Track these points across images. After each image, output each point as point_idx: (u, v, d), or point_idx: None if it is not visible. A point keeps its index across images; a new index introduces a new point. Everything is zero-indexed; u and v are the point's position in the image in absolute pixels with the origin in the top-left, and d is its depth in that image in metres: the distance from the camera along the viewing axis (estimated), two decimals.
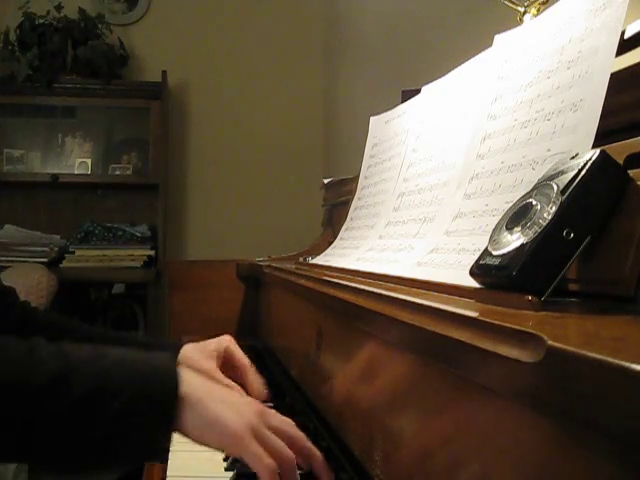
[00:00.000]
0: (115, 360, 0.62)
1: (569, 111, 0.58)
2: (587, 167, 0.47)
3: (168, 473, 0.77)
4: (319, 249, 1.38)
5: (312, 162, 3.17)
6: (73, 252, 2.90)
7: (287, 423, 0.68)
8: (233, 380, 0.90)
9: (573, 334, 0.37)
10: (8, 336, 0.61)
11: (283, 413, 0.95)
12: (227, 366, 0.92)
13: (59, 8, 2.93)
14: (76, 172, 3.06)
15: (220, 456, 0.80)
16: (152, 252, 2.95)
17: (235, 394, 0.71)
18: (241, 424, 0.61)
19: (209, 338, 1.37)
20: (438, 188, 0.82)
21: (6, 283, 1.05)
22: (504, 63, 0.76)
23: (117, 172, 3.09)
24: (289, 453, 0.63)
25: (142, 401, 0.59)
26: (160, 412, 0.60)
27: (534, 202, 0.49)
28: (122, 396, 0.58)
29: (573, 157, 0.51)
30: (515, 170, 0.64)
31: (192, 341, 1.00)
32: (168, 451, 0.67)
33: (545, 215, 0.46)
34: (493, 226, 0.53)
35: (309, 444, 0.67)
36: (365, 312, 0.64)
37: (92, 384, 0.58)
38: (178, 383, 0.61)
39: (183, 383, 0.61)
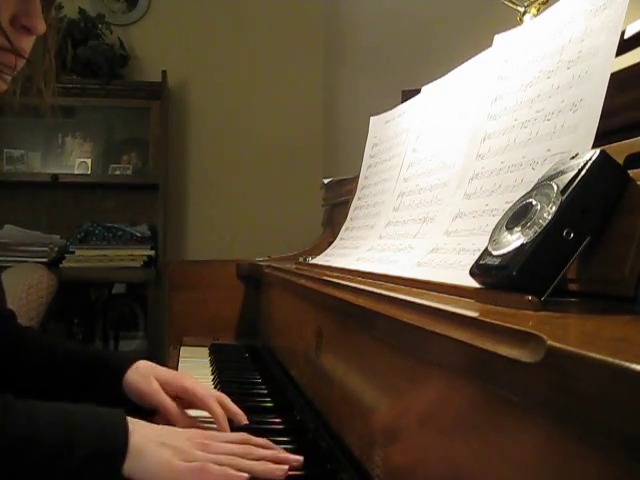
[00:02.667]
0: (74, 423, 0.69)
1: (569, 111, 0.58)
2: (587, 167, 0.47)
3: None
4: (319, 249, 1.38)
5: (312, 162, 3.17)
6: (73, 252, 2.90)
7: (234, 444, 0.75)
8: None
9: (573, 334, 0.37)
10: None
11: (283, 413, 0.96)
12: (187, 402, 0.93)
13: (59, 8, 2.93)
14: (76, 172, 3.06)
15: None
16: (152, 252, 2.95)
17: (176, 433, 0.77)
18: (176, 461, 0.70)
19: (209, 338, 1.38)
20: (438, 188, 0.82)
21: (6, 283, 1.05)
22: (504, 63, 0.76)
23: (117, 172, 3.09)
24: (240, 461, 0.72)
25: (95, 459, 0.67)
26: (110, 467, 0.68)
27: (534, 202, 0.49)
28: (79, 454, 0.66)
29: (573, 157, 0.51)
30: (515, 170, 0.64)
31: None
32: None
33: (545, 215, 0.46)
34: (493, 226, 0.53)
35: (261, 452, 0.74)
36: (365, 312, 0.64)
37: (55, 443, 0.66)
38: (127, 440, 0.69)
39: (129, 437, 0.69)
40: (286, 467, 0.73)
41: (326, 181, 1.73)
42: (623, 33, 0.59)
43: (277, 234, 2.95)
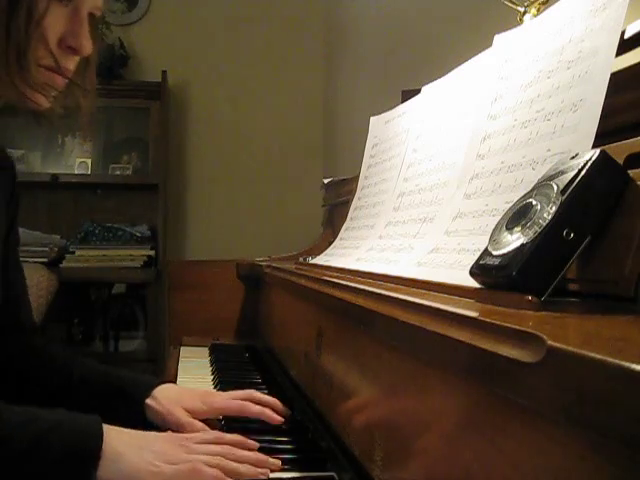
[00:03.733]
0: (48, 426, 0.69)
1: (569, 111, 0.58)
2: (587, 167, 0.47)
3: None
4: (319, 249, 1.38)
5: (312, 162, 3.17)
6: (73, 252, 2.90)
7: (213, 444, 0.76)
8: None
9: (573, 334, 0.37)
10: None
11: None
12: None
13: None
14: (76, 172, 3.06)
15: None
16: (152, 252, 2.95)
17: (153, 435, 0.77)
18: (153, 463, 0.69)
19: (209, 338, 1.38)
20: (438, 188, 0.82)
21: None
22: (504, 63, 0.76)
23: (117, 172, 3.09)
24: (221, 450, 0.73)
25: (68, 460, 0.67)
26: (83, 469, 0.68)
27: (534, 202, 0.49)
28: (52, 454, 0.67)
29: (573, 157, 0.51)
30: (515, 170, 0.64)
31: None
32: None
33: (545, 215, 0.46)
34: (493, 226, 0.53)
35: (240, 453, 0.75)
36: (365, 312, 0.64)
37: (26, 447, 0.66)
38: (100, 443, 0.69)
39: (104, 441, 0.69)
40: (268, 470, 0.73)
41: (326, 181, 1.73)
42: (623, 33, 0.59)
43: (277, 234, 2.95)
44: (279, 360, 1.24)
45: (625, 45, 0.59)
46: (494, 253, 0.49)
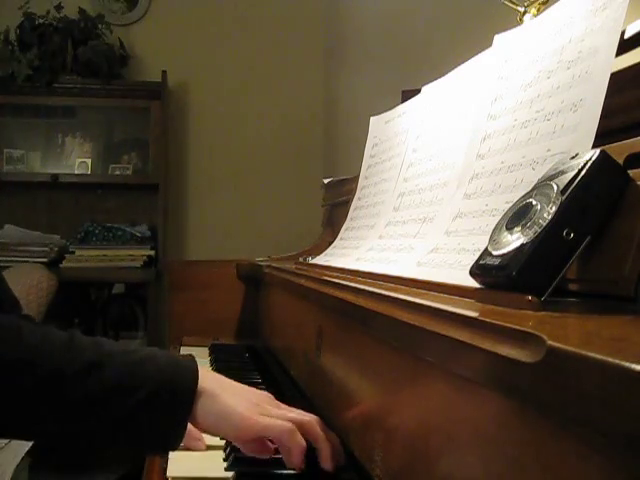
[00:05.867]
0: (143, 355, 0.69)
1: (569, 111, 0.58)
2: (587, 167, 0.47)
3: (168, 474, 0.77)
4: (319, 249, 1.38)
5: (312, 162, 3.17)
6: (73, 252, 2.90)
7: (295, 410, 0.74)
8: None
9: (573, 334, 0.37)
10: (48, 326, 0.69)
11: None
12: None
13: (59, 8, 2.93)
14: (76, 172, 3.06)
15: (220, 456, 0.80)
16: (152, 252, 2.95)
17: (246, 387, 0.76)
18: (250, 411, 0.68)
19: (209, 338, 1.38)
20: (438, 188, 0.82)
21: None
22: (504, 63, 0.76)
23: (117, 172, 3.09)
24: (302, 417, 0.72)
25: (165, 392, 0.66)
26: (179, 403, 0.67)
27: (534, 202, 0.49)
28: (148, 386, 0.65)
29: (573, 157, 0.51)
30: (515, 170, 0.64)
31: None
32: (182, 441, 0.70)
33: (545, 215, 0.46)
34: (493, 226, 0.53)
35: (317, 430, 0.72)
36: (365, 312, 0.64)
37: (123, 373, 0.66)
38: (197, 379, 0.68)
39: (200, 379, 0.68)
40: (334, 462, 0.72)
41: (326, 181, 1.73)
42: (623, 33, 0.59)
43: (277, 234, 2.95)
44: (279, 360, 1.24)
45: (625, 45, 0.59)
46: (494, 253, 0.49)
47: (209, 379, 0.69)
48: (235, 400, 0.69)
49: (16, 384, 0.63)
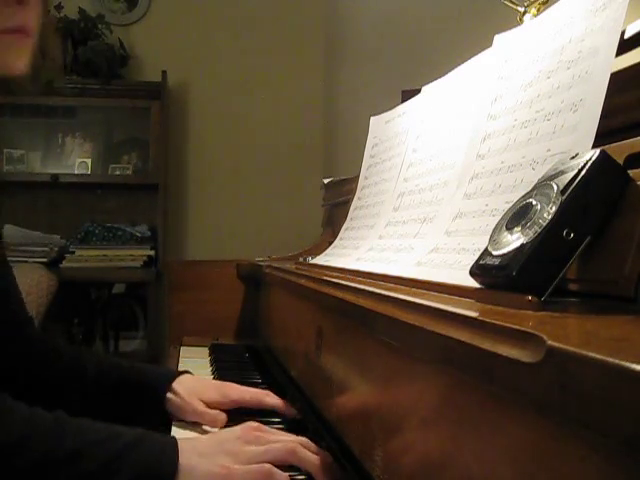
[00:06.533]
0: (128, 442, 0.69)
1: (569, 111, 0.58)
2: (587, 167, 0.47)
3: None
4: (319, 249, 1.38)
5: (312, 162, 3.17)
6: (73, 252, 2.90)
7: (279, 442, 0.75)
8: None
9: (573, 334, 0.37)
10: (34, 407, 0.69)
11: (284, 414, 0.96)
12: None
13: (59, 8, 2.93)
14: (76, 172, 3.06)
15: None
16: (152, 252, 2.95)
17: (223, 438, 0.77)
18: (226, 465, 0.70)
19: (209, 338, 1.37)
20: (438, 188, 0.82)
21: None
22: (504, 63, 0.76)
23: (117, 172, 3.09)
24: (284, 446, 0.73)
25: (145, 477, 0.67)
26: None
27: (534, 202, 0.49)
28: (126, 474, 0.66)
29: (573, 157, 0.51)
30: (515, 170, 0.64)
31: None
32: None
33: (545, 215, 0.46)
34: (493, 226, 0.53)
35: (306, 455, 0.74)
36: (365, 312, 0.64)
37: (105, 464, 0.66)
38: (177, 465, 0.68)
39: (179, 458, 0.69)
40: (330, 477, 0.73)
41: (326, 181, 1.73)
42: (623, 33, 0.59)
43: (277, 234, 2.95)
44: (279, 360, 1.24)
45: (625, 45, 0.59)
46: (494, 253, 0.49)
47: (187, 451, 0.70)
48: (210, 464, 0.69)
49: (5, 467, 0.63)
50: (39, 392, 0.96)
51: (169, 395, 0.92)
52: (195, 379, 0.99)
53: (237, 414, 0.93)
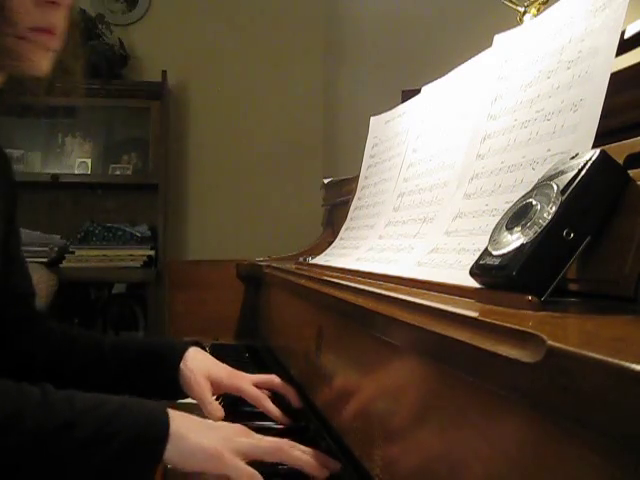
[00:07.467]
0: (115, 408, 0.70)
1: (569, 111, 0.58)
2: (587, 167, 0.47)
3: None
4: (319, 249, 1.38)
5: (312, 162, 3.17)
6: (73, 252, 2.90)
7: (268, 439, 0.75)
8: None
9: (573, 334, 0.37)
10: (21, 382, 0.69)
11: (283, 413, 0.95)
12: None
13: None
14: (76, 172, 3.06)
15: None
16: (152, 252, 2.95)
17: (215, 424, 0.79)
18: (218, 446, 0.70)
19: (209, 338, 1.37)
20: (438, 188, 0.82)
21: None
22: (504, 63, 0.76)
23: (117, 172, 3.09)
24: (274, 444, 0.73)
25: (136, 445, 0.68)
26: (150, 453, 0.69)
27: (534, 202, 0.49)
28: (119, 441, 0.66)
29: (573, 157, 0.51)
30: (515, 170, 0.64)
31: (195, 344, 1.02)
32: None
33: (545, 215, 0.46)
34: (493, 226, 0.53)
35: (294, 452, 0.73)
36: (365, 312, 0.64)
37: (95, 430, 0.67)
38: (168, 428, 0.69)
39: (170, 423, 0.69)
40: (326, 471, 0.73)
41: (326, 181, 1.73)
42: (623, 33, 0.59)
43: (277, 234, 2.95)
44: (279, 360, 1.24)
45: (625, 45, 0.59)
46: (494, 253, 0.49)
47: (178, 421, 0.70)
48: (201, 438, 0.70)
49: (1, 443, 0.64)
50: (55, 372, 0.97)
51: (182, 366, 0.94)
52: (206, 357, 1.00)
53: (237, 413, 0.93)
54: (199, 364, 0.95)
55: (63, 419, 0.66)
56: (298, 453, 0.73)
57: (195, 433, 0.70)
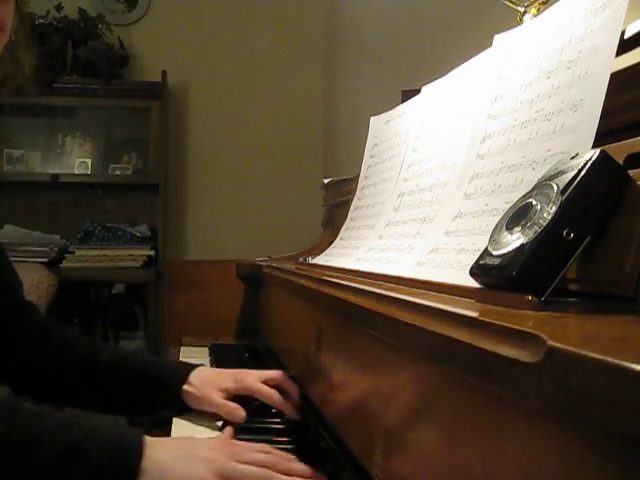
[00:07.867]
0: (86, 431, 0.66)
1: (569, 111, 0.58)
2: (587, 167, 0.47)
3: None
4: (319, 249, 1.38)
5: (312, 162, 3.17)
6: (73, 252, 2.90)
7: (261, 453, 0.73)
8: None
9: (573, 334, 0.37)
10: None
11: (283, 413, 0.96)
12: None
13: (59, 8, 2.93)
14: (76, 172, 3.06)
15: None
16: (152, 252, 2.95)
17: (203, 443, 0.75)
18: (205, 469, 0.66)
19: (209, 338, 1.37)
20: (438, 188, 0.82)
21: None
22: (504, 63, 0.76)
23: (117, 172, 3.09)
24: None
25: (105, 473, 0.64)
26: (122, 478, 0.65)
27: (534, 202, 0.49)
28: (86, 467, 0.63)
29: (573, 157, 0.51)
30: (515, 170, 0.64)
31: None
32: None
33: (545, 215, 0.46)
34: (493, 226, 0.53)
35: (289, 464, 0.72)
36: (365, 312, 0.64)
37: (60, 453, 0.63)
38: (141, 456, 0.65)
39: (148, 453, 0.66)
40: None
41: (326, 181, 1.73)
42: (623, 33, 0.59)
43: (277, 234, 2.95)
44: (279, 360, 1.24)
45: (625, 45, 0.59)
46: (494, 253, 0.49)
47: (159, 450, 0.67)
48: (186, 466, 0.67)
49: None
50: (53, 382, 0.96)
51: (185, 387, 0.93)
52: (211, 370, 1.00)
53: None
54: (204, 380, 0.95)
55: (28, 435, 0.63)
56: (284, 477, 0.71)
57: (176, 462, 0.67)
